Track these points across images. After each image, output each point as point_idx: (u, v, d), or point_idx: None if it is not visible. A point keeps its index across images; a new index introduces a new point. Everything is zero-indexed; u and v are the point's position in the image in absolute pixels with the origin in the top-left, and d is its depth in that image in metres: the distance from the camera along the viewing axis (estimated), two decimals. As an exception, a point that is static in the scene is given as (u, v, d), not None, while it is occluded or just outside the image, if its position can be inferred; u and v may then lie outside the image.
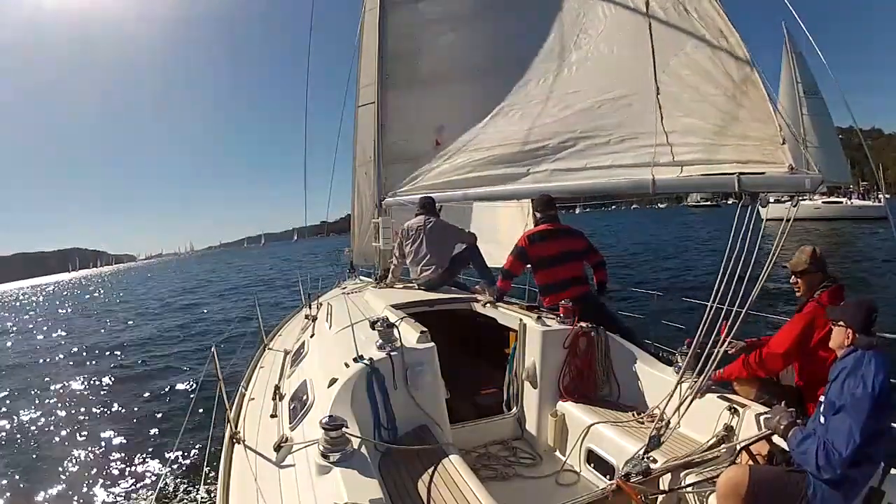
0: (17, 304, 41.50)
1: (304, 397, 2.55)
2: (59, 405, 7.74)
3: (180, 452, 4.75)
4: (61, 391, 8.63)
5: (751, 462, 2.08)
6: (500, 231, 6.46)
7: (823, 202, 29.09)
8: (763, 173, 2.57)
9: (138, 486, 4.69)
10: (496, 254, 6.12)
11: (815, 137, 27.31)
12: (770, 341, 2.56)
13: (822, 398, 1.90)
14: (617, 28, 3.48)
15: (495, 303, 3.75)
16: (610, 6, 3.52)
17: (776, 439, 2.06)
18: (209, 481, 3.39)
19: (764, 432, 2.06)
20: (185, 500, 4.17)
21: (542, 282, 3.72)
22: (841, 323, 1.93)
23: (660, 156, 2.97)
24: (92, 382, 9.01)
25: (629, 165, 3.21)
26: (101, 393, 8.17)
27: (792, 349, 2.47)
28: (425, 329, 2.80)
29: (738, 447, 2.16)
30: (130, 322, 17.67)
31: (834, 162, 28.07)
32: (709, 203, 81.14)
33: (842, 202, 29.54)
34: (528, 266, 3.77)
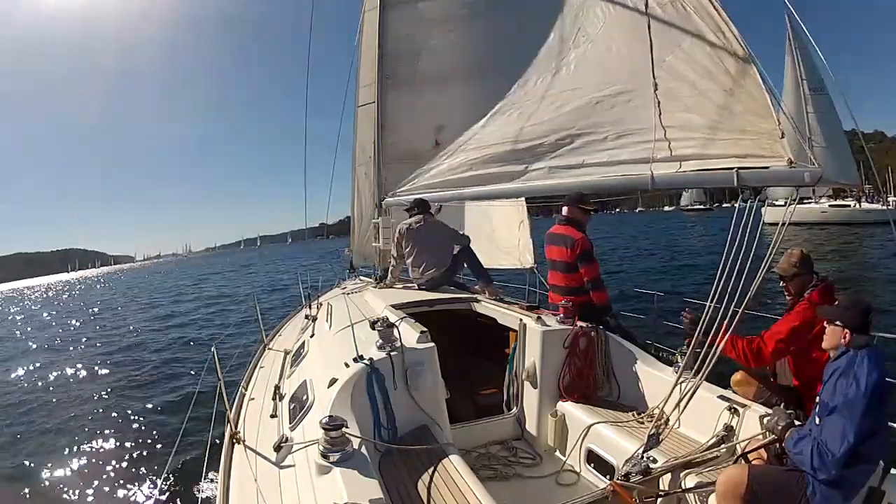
0: (21, 303, 41.52)
1: (304, 397, 2.55)
2: (59, 405, 7.73)
3: (180, 452, 4.74)
4: (60, 391, 8.63)
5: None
6: (496, 230, 6.48)
7: (830, 205, 28.26)
8: (762, 168, 2.56)
9: (138, 486, 4.68)
10: (493, 253, 6.13)
11: (822, 136, 25.92)
12: (763, 335, 2.55)
13: (818, 398, 1.91)
14: (615, 26, 3.48)
15: (500, 297, 3.77)
16: (608, 5, 3.52)
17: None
18: (209, 481, 3.39)
19: (766, 440, 2.05)
20: (186, 500, 4.16)
21: (548, 281, 3.80)
22: (837, 323, 1.92)
23: (658, 152, 2.97)
24: (91, 382, 9.01)
25: (627, 161, 3.21)
26: (101, 393, 8.16)
27: (781, 347, 2.47)
28: (425, 329, 2.79)
29: (739, 451, 2.16)
30: (130, 322, 17.67)
31: (841, 162, 26.52)
32: (701, 206, 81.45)
33: (849, 206, 28.52)
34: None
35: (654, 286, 6.40)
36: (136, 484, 4.74)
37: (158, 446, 5.56)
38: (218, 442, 2.80)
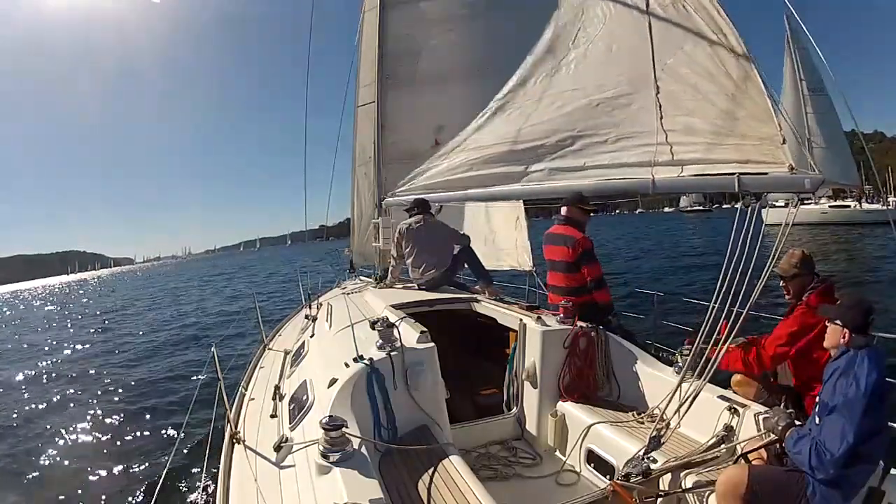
0: (23, 305, 41.52)
1: (304, 397, 2.54)
2: (58, 405, 7.74)
3: (180, 452, 4.74)
4: (61, 392, 8.62)
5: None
6: (495, 231, 6.47)
7: (830, 206, 28.08)
8: (763, 173, 2.56)
9: (138, 486, 4.68)
10: (491, 254, 6.13)
11: (821, 137, 26.05)
12: (762, 341, 2.59)
13: (818, 398, 1.91)
14: (616, 26, 3.47)
15: (500, 298, 3.77)
16: (609, 5, 3.51)
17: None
18: (209, 481, 3.40)
19: (766, 440, 2.05)
20: (186, 500, 4.16)
21: (547, 281, 3.79)
22: (837, 322, 1.92)
23: (659, 155, 2.96)
24: (92, 383, 9.01)
25: (628, 165, 3.19)
26: (101, 393, 8.17)
27: (780, 353, 2.52)
28: (425, 329, 2.79)
29: (739, 451, 2.16)
30: (130, 323, 17.68)
31: (841, 162, 26.64)
32: (701, 208, 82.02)
33: (850, 206, 28.28)
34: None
35: (655, 287, 6.39)
36: (137, 484, 4.74)
37: (159, 446, 5.56)
38: (218, 442, 2.80)
